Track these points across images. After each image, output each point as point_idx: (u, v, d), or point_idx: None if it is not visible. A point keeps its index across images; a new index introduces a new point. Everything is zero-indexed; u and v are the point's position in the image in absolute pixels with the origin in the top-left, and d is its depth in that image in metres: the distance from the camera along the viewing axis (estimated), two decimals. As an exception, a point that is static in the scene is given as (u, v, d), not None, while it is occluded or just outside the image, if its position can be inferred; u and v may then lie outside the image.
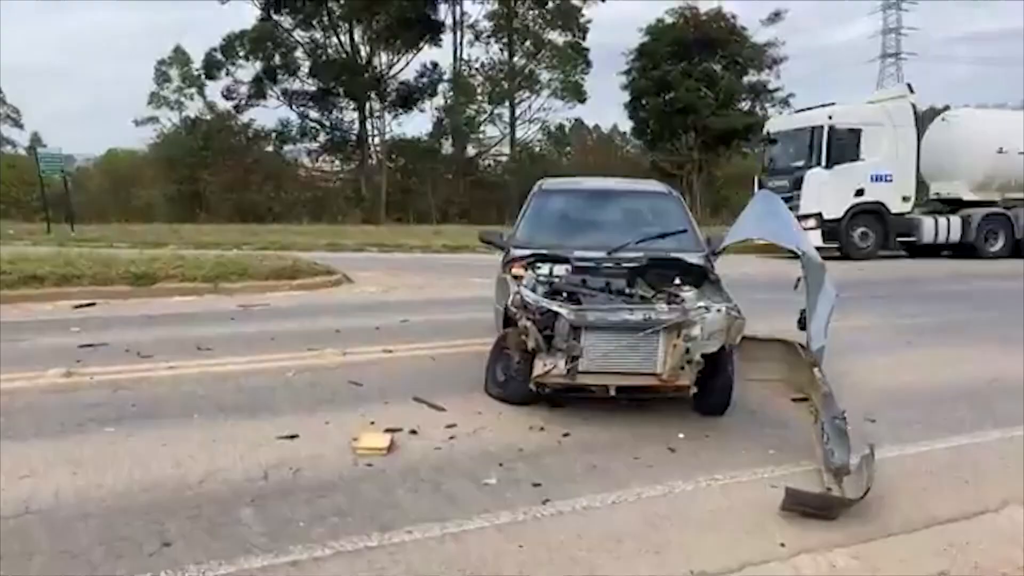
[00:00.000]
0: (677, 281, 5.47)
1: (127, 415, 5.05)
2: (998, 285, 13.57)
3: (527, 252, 5.78)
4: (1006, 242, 19.86)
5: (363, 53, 40.48)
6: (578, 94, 40.51)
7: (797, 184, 18.52)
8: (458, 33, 41.11)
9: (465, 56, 41.46)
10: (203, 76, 41.11)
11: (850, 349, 6.98)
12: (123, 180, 42.20)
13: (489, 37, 41.05)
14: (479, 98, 40.94)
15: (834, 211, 18.25)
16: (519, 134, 42.01)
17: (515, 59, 41.00)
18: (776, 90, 39.89)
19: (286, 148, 42.38)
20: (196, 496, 3.82)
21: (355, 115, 41.31)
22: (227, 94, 40.60)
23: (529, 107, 41.67)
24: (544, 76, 40.66)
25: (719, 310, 4.77)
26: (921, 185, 20.86)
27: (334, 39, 40.55)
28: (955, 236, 19.46)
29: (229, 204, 38.22)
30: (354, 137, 41.71)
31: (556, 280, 5.44)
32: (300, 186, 41.62)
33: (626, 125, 44.32)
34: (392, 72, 41.01)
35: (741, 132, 37.27)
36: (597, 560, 3.30)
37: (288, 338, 7.53)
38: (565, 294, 5.18)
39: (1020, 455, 4.51)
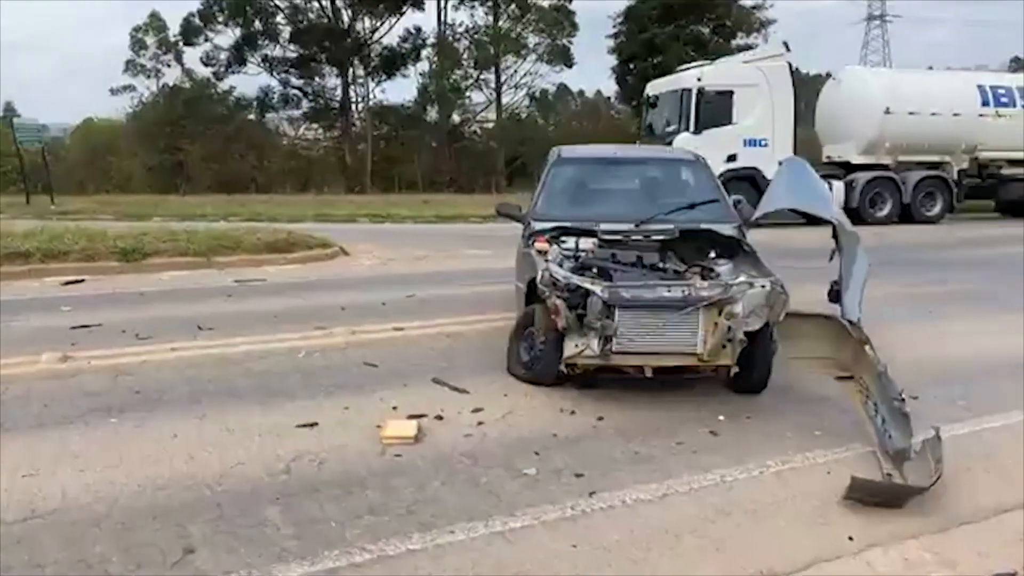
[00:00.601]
0: (712, 254, 5.21)
1: (131, 404, 4.74)
2: (977, 253, 13.26)
3: (550, 225, 5.47)
4: (894, 207, 18.74)
5: (345, 18, 39.56)
6: (565, 58, 39.84)
7: None
8: (442, -4, 40.18)
9: (449, 20, 40.60)
10: (181, 42, 40.10)
11: (870, 320, 6.73)
12: (101, 150, 41.20)
13: (473, 0, 40.16)
14: (464, 63, 40.17)
15: None
16: (505, 100, 41.34)
17: (500, 23, 40.17)
18: (765, 54, 39.36)
19: (268, 116, 41.51)
20: (215, 495, 3.54)
21: (338, 81, 40.49)
22: (206, 60, 39.67)
23: (515, 72, 40.94)
24: (531, 40, 39.90)
25: (763, 286, 4.51)
26: (816, 148, 19.95)
27: (315, 3, 39.55)
28: (838, 201, 17.92)
29: (211, 174, 37.43)
30: (337, 104, 40.91)
31: (583, 255, 5.15)
32: (283, 155, 40.82)
33: (612, 90, 43.73)
34: (375, 37, 40.17)
35: (731, 96, 36.74)
36: (657, 560, 3.07)
37: (292, 315, 7.21)
38: (595, 269, 4.90)
39: (1077, 433, 4.32)
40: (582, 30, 39.80)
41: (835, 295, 5.46)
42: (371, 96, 41.31)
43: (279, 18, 39.36)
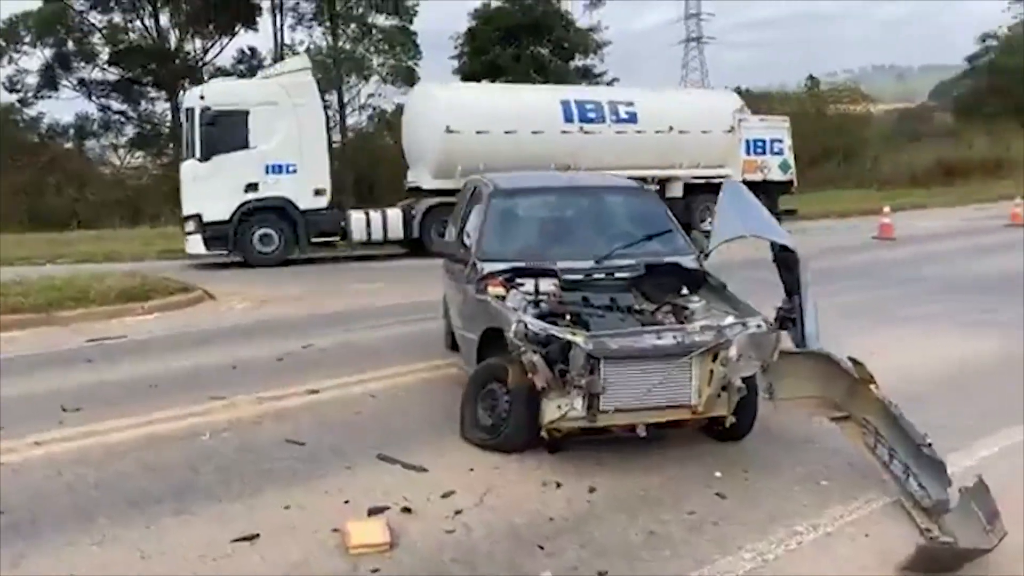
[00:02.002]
0: (680, 290, 4.77)
1: (-3, 530, 3.65)
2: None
3: (504, 266, 4.82)
4: None
5: (172, 39, 36.96)
6: (409, 79, 38.98)
7: None
8: (278, 16, 38.44)
9: (287, 40, 38.91)
10: (-21, 65, 35.92)
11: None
12: None
13: (311, 20, 38.75)
14: (304, 85, 38.59)
15: (219, 212, 14.51)
16: (350, 121, 40.05)
17: (340, 43, 38.96)
18: (601, 74, 40.64)
19: (88, 144, 37.98)
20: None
21: (167, 106, 37.68)
22: (10, 85, 35.69)
23: (358, 93, 39.81)
24: (374, 61, 38.94)
25: (758, 325, 4.12)
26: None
27: (137, 23, 36.68)
28: (397, 231, 16.00)
29: (23, 210, 33.62)
30: (167, 129, 38.07)
31: (547, 299, 4.55)
32: (108, 186, 37.38)
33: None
34: (207, 58, 37.79)
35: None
36: None
37: (175, 382, 6.10)
38: (568, 316, 4.32)
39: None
40: (426, 50, 39.39)
41: (783, 322, 5.20)
42: (205, 120, 38.79)
43: (95, 38, 36.16)
